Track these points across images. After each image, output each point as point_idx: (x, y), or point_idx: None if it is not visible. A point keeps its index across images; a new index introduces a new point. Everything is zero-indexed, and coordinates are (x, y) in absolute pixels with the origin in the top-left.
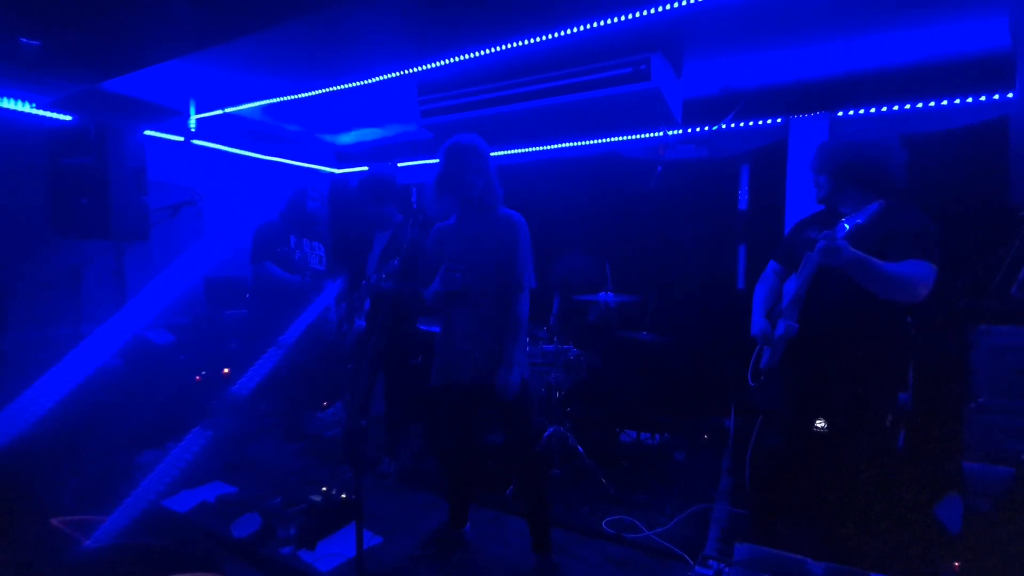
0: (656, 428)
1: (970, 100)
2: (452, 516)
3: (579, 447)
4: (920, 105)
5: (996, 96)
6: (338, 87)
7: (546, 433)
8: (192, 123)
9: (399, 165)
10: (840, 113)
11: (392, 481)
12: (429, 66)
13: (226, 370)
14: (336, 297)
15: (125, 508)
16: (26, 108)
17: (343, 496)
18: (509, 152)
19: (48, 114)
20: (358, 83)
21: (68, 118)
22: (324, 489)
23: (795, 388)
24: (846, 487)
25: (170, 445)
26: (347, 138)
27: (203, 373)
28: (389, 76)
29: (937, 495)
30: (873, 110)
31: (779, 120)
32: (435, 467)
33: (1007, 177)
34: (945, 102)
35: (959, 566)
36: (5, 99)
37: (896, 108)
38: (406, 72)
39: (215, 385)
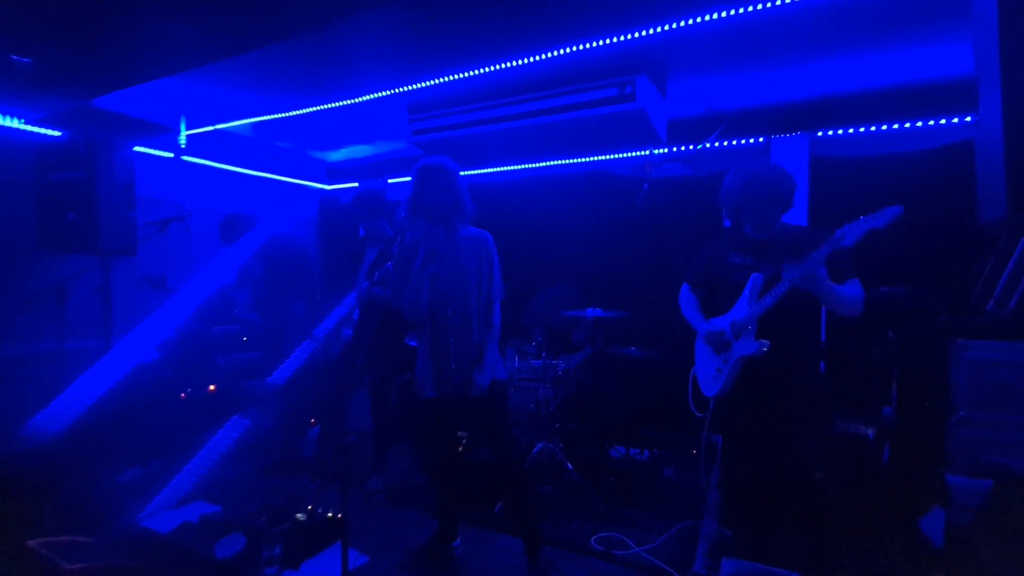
0: (645, 444)
1: (943, 122)
2: (441, 530)
3: (568, 463)
4: (896, 126)
5: (968, 118)
6: (329, 105)
7: (535, 449)
8: (182, 139)
9: (389, 181)
10: (819, 133)
11: (380, 498)
12: (419, 85)
13: (212, 387)
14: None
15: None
16: (15, 124)
17: (329, 514)
18: (498, 170)
19: (37, 129)
20: (349, 101)
21: (57, 133)
22: (310, 508)
23: (761, 407)
24: (827, 500)
25: (154, 463)
26: (338, 155)
27: (188, 391)
28: (380, 95)
29: (922, 508)
30: (851, 130)
31: (761, 139)
32: (424, 484)
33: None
34: (919, 123)
35: None
36: None
37: (873, 128)
38: (397, 91)
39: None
